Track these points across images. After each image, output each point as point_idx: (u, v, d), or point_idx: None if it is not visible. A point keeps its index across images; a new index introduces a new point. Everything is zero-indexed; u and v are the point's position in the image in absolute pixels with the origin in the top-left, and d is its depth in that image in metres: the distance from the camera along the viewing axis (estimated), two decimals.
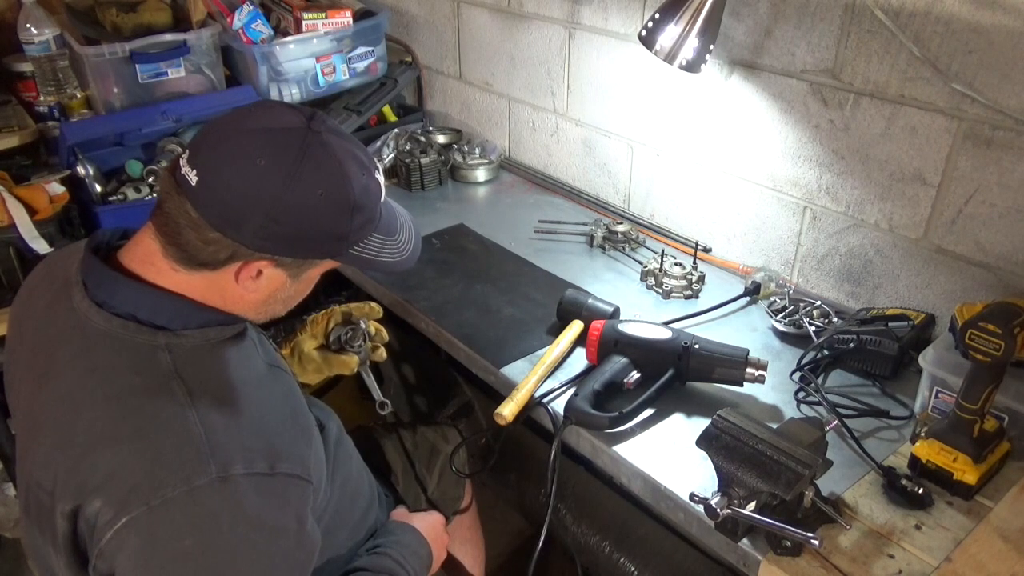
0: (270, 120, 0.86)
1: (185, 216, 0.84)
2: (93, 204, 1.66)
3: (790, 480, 0.92)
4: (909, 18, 1.22)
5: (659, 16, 1.35)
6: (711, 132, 1.59)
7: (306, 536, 0.88)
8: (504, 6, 1.93)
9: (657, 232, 1.74)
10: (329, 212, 0.87)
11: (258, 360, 0.96)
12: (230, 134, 0.85)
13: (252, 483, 0.82)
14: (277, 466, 0.84)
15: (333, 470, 1.09)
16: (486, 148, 2.05)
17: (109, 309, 0.87)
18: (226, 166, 0.83)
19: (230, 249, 0.86)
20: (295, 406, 0.96)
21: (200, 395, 0.84)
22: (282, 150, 0.84)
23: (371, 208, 0.92)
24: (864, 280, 1.44)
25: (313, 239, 0.89)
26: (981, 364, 0.98)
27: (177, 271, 0.88)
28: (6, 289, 1.56)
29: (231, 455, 0.81)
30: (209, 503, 0.79)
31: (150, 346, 0.86)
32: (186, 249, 0.86)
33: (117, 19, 1.81)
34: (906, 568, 0.94)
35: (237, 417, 0.85)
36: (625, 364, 1.24)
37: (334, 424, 1.18)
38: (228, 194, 0.83)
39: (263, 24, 1.91)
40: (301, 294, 0.99)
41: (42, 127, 1.82)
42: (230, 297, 0.92)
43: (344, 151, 0.88)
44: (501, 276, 1.59)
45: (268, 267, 0.89)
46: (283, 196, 0.83)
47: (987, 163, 1.21)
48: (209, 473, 0.79)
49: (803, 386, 1.25)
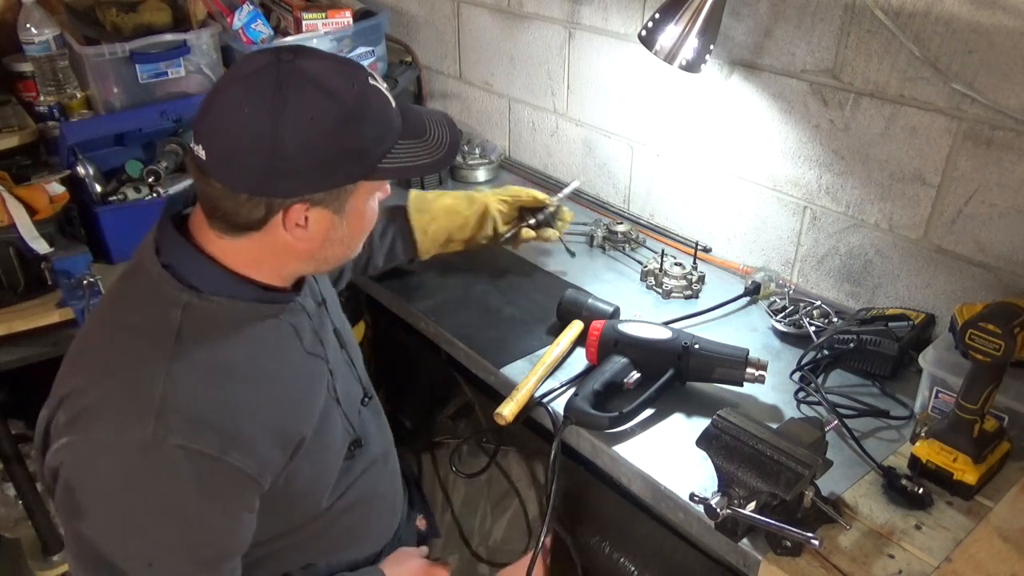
0: (242, 70, 0.86)
1: (212, 189, 0.86)
2: (93, 204, 1.65)
3: (790, 480, 0.92)
4: (909, 18, 1.22)
5: (659, 16, 1.35)
6: (711, 132, 1.58)
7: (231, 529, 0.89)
8: (504, 6, 1.93)
9: (657, 232, 1.74)
10: (329, 131, 0.85)
11: (288, 348, 0.97)
12: (213, 98, 0.86)
13: (190, 459, 0.83)
14: (228, 454, 0.85)
15: (346, 487, 1.09)
16: (486, 148, 2.05)
17: (160, 256, 0.91)
18: (219, 128, 0.84)
19: (262, 204, 0.86)
20: (306, 402, 0.97)
21: (184, 359, 0.85)
22: (259, 91, 0.83)
23: (378, 116, 0.89)
24: (864, 280, 1.44)
25: (330, 164, 0.86)
26: (981, 364, 0.98)
27: (223, 238, 0.90)
28: (6, 289, 1.55)
29: (176, 424, 0.82)
30: (131, 461, 0.82)
31: (170, 299, 0.88)
32: (226, 219, 0.88)
33: (117, 19, 1.81)
34: (906, 568, 0.94)
35: (210, 392, 0.86)
36: (625, 364, 1.24)
37: (378, 448, 1.17)
38: (231, 153, 0.84)
39: (263, 24, 1.90)
40: (359, 230, 0.97)
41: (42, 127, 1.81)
42: (286, 255, 0.93)
43: (322, 69, 0.86)
44: (501, 276, 1.59)
45: (308, 210, 0.88)
46: (277, 133, 0.82)
47: (987, 163, 1.21)
48: (144, 432, 0.81)
49: (803, 386, 1.25)
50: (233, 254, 0.91)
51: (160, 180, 1.71)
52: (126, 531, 0.85)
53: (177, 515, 0.85)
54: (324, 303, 1.09)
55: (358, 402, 1.14)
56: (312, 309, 1.03)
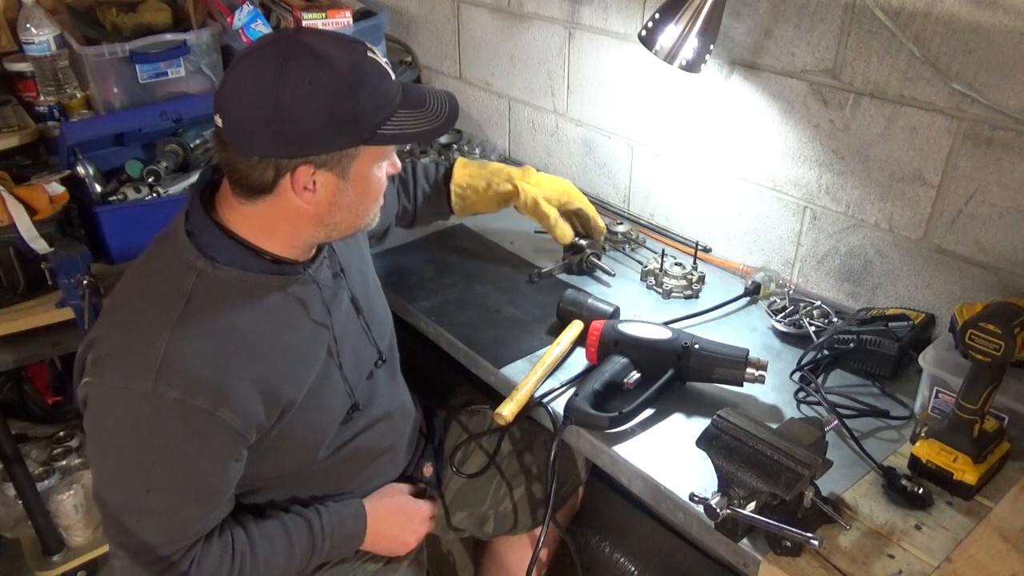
0: (253, 47, 0.97)
1: (228, 155, 0.97)
2: (93, 204, 1.65)
3: (790, 480, 0.92)
4: (909, 18, 1.22)
5: (659, 16, 1.35)
6: (711, 132, 1.58)
7: (217, 472, 1.02)
8: (504, 6, 1.93)
9: (657, 232, 1.74)
10: (327, 96, 0.93)
11: (291, 319, 1.06)
12: (228, 73, 0.97)
13: (184, 412, 0.95)
14: (219, 410, 0.96)
15: (343, 441, 1.18)
16: (486, 148, 2.05)
17: (187, 223, 1.02)
18: (231, 98, 0.95)
19: (271, 166, 0.96)
20: (299, 370, 1.06)
21: (189, 322, 0.96)
22: (265, 61, 0.93)
23: (375, 83, 0.97)
24: (864, 280, 1.44)
25: (330, 127, 0.94)
26: (981, 364, 0.98)
27: (243, 204, 1.00)
28: (6, 289, 1.55)
29: (174, 380, 0.94)
30: (135, 406, 0.95)
31: (188, 265, 1.00)
32: (242, 182, 0.98)
33: (117, 19, 1.81)
34: (906, 568, 0.94)
35: (211, 353, 0.97)
36: (625, 364, 1.24)
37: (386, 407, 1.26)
38: (242, 118, 0.94)
39: (263, 24, 1.90)
40: (366, 196, 1.04)
41: (42, 127, 1.81)
42: (297, 220, 1.01)
43: (323, 41, 0.95)
44: (501, 276, 1.59)
45: (315, 173, 0.97)
46: (280, 97, 0.91)
47: (987, 163, 1.21)
48: (145, 384, 0.93)
49: (803, 386, 1.25)
50: (251, 220, 1.01)
51: (160, 180, 1.71)
52: (128, 462, 0.99)
53: (171, 456, 0.98)
54: (343, 273, 1.17)
55: (370, 365, 1.23)
56: (326, 280, 1.12)
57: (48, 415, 2.09)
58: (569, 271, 1.59)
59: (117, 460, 1.00)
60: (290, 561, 1.15)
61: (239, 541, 1.09)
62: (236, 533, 1.10)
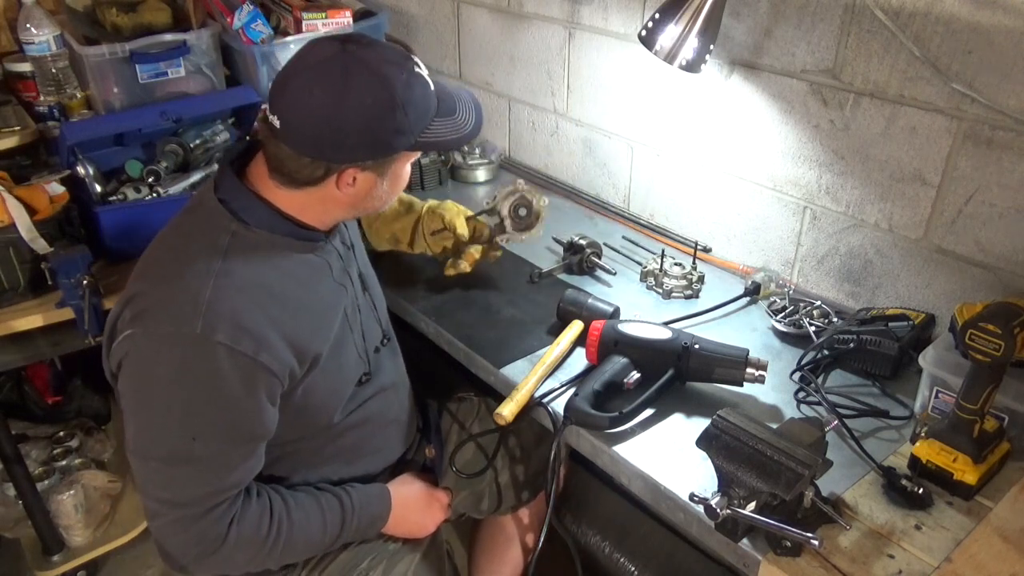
0: (314, 57, 1.03)
1: (281, 152, 1.05)
2: (93, 204, 1.65)
3: (790, 480, 0.92)
4: (909, 18, 1.22)
5: (659, 16, 1.35)
6: (711, 132, 1.59)
7: (258, 415, 1.07)
8: (504, 6, 1.93)
9: (657, 232, 1.74)
10: (383, 112, 1.03)
11: (316, 278, 1.14)
12: (289, 79, 1.04)
13: (230, 355, 1.01)
14: (260, 355, 1.03)
15: (356, 406, 1.24)
16: (486, 148, 2.05)
17: (217, 192, 1.09)
18: (293, 105, 1.02)
19: (323, 167, 1.05)
20: (321, 327, 1.13)
21: (227, 275, 1.04)
22: (328, 78, 1.01)
23: (420, 99, 1.07)
24: (864, 280, 1.44)
25: (380, 140, 1.05)
26: (981, 364, 0.98)
27: (281, 189, 1.08)
28: (6, 289, 1.55)
29: (219, 325, 1.00)
30: (186, 350, 1.00)
31: (222, 227, 1.07)
32: (289, 175, 1.06)
33: (117, 19, 1.81)
34: (906, 568, 0.94)
35: (248, 303, 1.04)
36: (625, 364, 1.24)
37: (390, 378, 1.32)
38: (303, 126, 1.02)
39: (263, 24, 1.90)
40: (396, 189, 1.16)
41: (42, 127, 1.81)
42: (331, 205, 1.11)
43: (379, 59, 1.03)
44: (501, 276, 1.59)
45: (358, 173, 1.07)
46: (341, 113, 1.01)
47: (987, 163, 1.21)
48: (194, 327, 0.99)
49: (803, 386, 1.25)
50: (287, 200, 1.10)
51: (160, 180, 1.71)
52: (176, 409, 1.03)
53: (218, 397, 1.03)
54: (352, 248, 1.26)
55: (377, 342, 1.30)
56: (342, 251, 1.21)
57: (48, 415, 2.09)
58: (569, 271, 1.59)
59: (166, 408, 1.03)
60: (323, 534, 1.19)
61: (276, 505, 1.14)
62: (274, 498, 1.15)
